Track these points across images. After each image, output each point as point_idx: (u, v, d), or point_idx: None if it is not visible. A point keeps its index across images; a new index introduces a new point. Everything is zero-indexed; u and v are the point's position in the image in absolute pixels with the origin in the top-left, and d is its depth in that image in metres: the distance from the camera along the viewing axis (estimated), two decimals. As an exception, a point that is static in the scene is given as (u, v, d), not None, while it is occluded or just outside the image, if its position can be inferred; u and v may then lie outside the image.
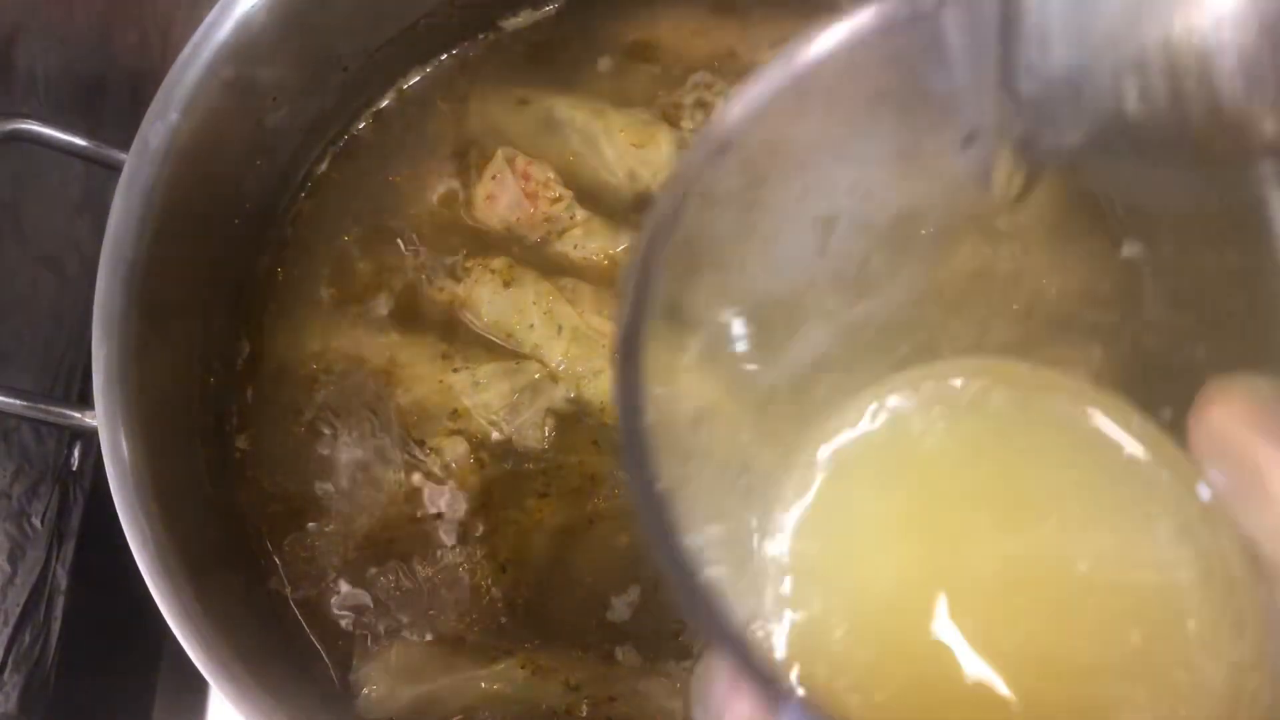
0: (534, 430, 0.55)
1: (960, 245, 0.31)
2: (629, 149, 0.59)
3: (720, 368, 0.26)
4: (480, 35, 0.64)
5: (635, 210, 0.59)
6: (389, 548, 0.53)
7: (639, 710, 0.50)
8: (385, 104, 0.63)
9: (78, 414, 0.49)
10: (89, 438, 0.57)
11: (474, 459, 0.54)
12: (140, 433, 0.48)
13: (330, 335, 0.57)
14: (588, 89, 0.62)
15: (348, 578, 0.53)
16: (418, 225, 0.59)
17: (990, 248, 0.32)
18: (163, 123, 0.51)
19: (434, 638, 0.52)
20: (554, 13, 0.64)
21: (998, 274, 0.30)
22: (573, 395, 0.55)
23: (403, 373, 0.56)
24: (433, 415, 0.55)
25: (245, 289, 0.58)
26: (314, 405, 0.56)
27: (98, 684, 0.59)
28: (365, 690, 0.51)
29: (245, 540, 0.54)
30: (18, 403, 0.50)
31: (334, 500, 0.54)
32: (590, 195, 0.59)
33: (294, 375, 0.57)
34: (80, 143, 0.52)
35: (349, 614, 0.53)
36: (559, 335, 0.55)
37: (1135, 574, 0.26)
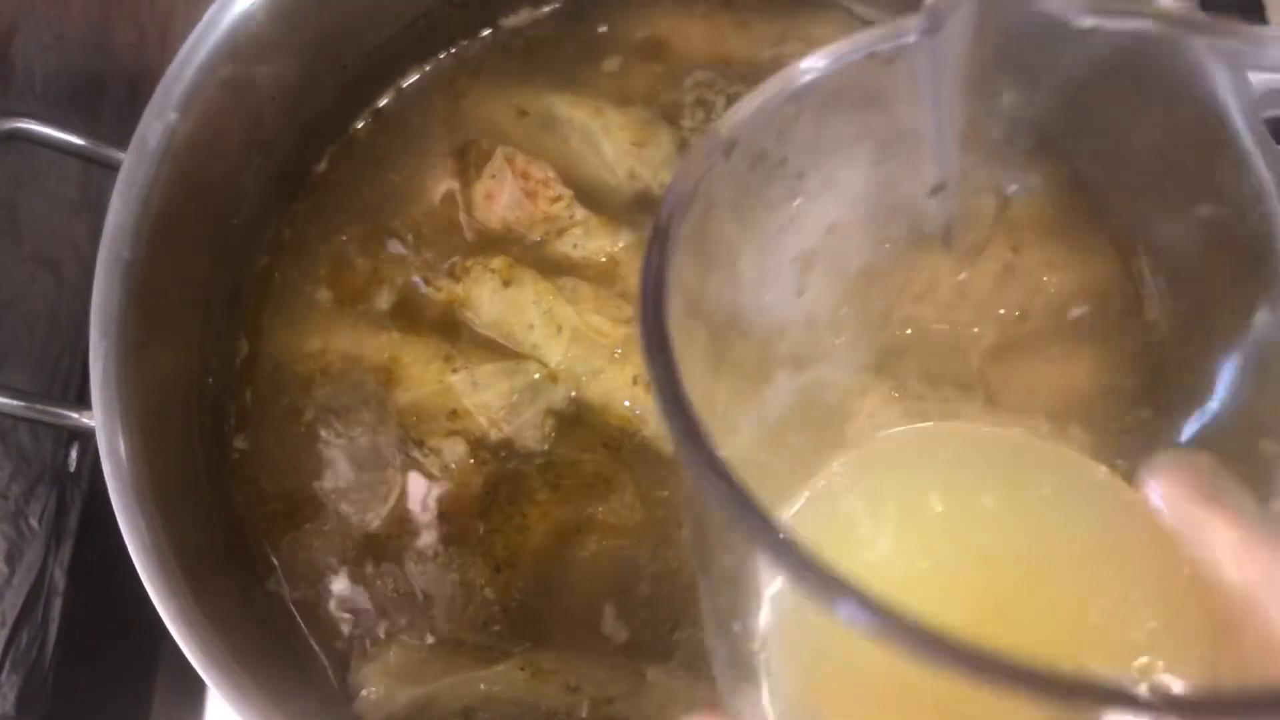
0: (534, 430, 0.55)
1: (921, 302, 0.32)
2: (629, 148, 0.59)
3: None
4: (480, 34, 0.64)
5: (635, 209, 0.59)
6: (388, 548, 0.53)
7: (638, 712, 0.49)
8: (384, 103, 0.63)
9: (75, 414, 0.49)
10: (86, 438, 0.57)
11: (473, 459, 0.54)
12: (138, 433, 0.47)
13: (329, 335, 0.57)
14: (587, 87, 0.61)
15: (346, 578, 0.53)
16: (416, 224, 0.59)
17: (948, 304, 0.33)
18: (161, 122, 0.50)
19: (433, 639, 0.52)
20: (553, 11, 0.64)
21: (954, 329, 0.31)
22: (573, 395, 0.55)
23: (402, 373, 0.56)
24: (432, 415, 0.55)
25: (243, 289, 0.58)
26: (313, 405, 0.56)
27: (95, 685, 0.59)
28: (364, 691, 0.51)
29: (243, 541, 0.54)
30: (15, 403, 0.50)
31: (332, 501, 0.54)
32: (590, 194, 0.59)
33: (292, 375, 0.57)
34: (78, 142, 0.52)
35: (347, 615, 0.53)
36: (558, 335, 0.55)
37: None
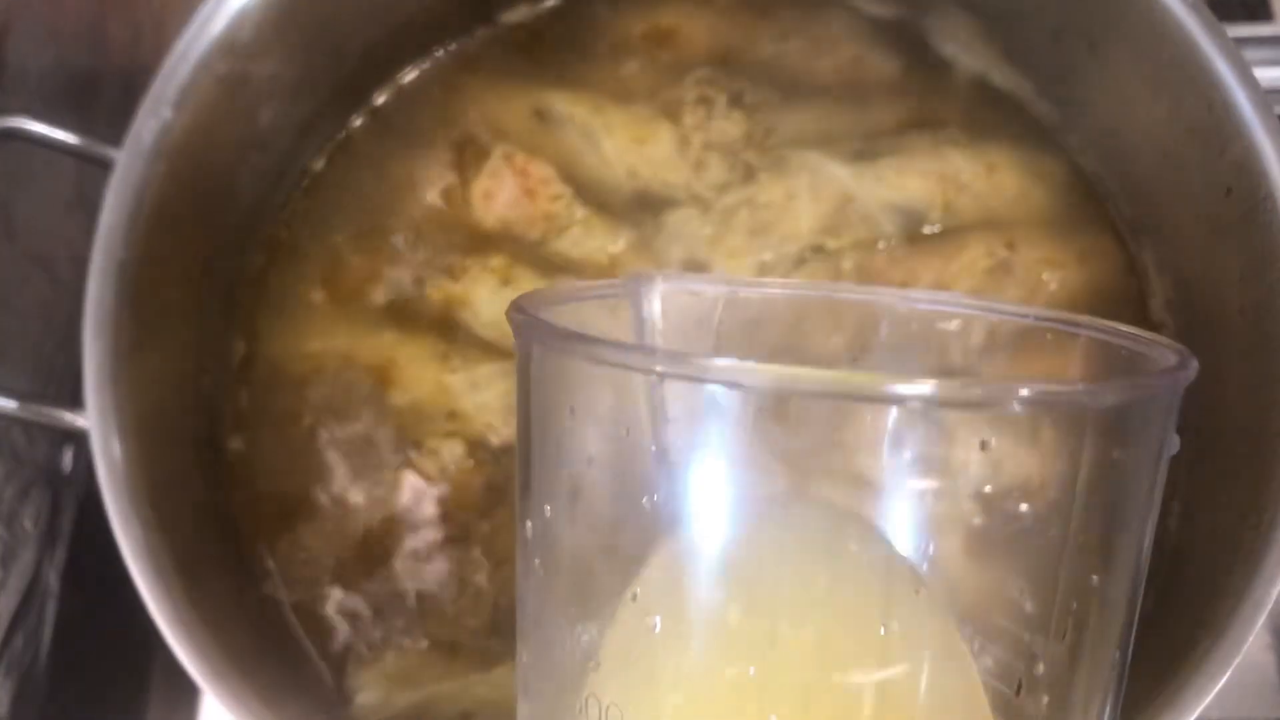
0: (532, 431, 0.54)
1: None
2: (629, 145, 0.59)
3: None
4: (478, 30, 0.63)
5: (636, 208, 0.59)
6: (385, 551, 0.53)
7: (638, 717, 0.49)
8: (382, 100, 0.62)
9: (69, 415, 0.49)
10: (80, 439, 0.57)
11: (472, 460, 0.54)
12: (132, 434, 0.47)
13: (325, 335, 0.57)
14: (587, 84, 0.61)
15: (343, 582, 0.53)
16: (414, 224, 0.59)
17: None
18: (155, 119, 0.50)
19: (430, 643, 0.51)
20: (553, 7, 0.64)
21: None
22: (572, 396, 0.55)
23: (399, 373, 0.55)
24: (430, 416, 0.55)
25: (239, 288, 0.58)
26: (309, 406, 0.55)
27: (90, 688, 0.59)
28: (360, 696, 0.51)
29: (239, 544, 0.54)
30: (8, 403, 0.49)
31: (329, 503, 0.54)
32: (590, 192, 0.59)
33: (289, 376, 0.56)
34: (72, 140, 0.52)
35: (344, 618, 0.52)
36: (557, 335, 0.55)
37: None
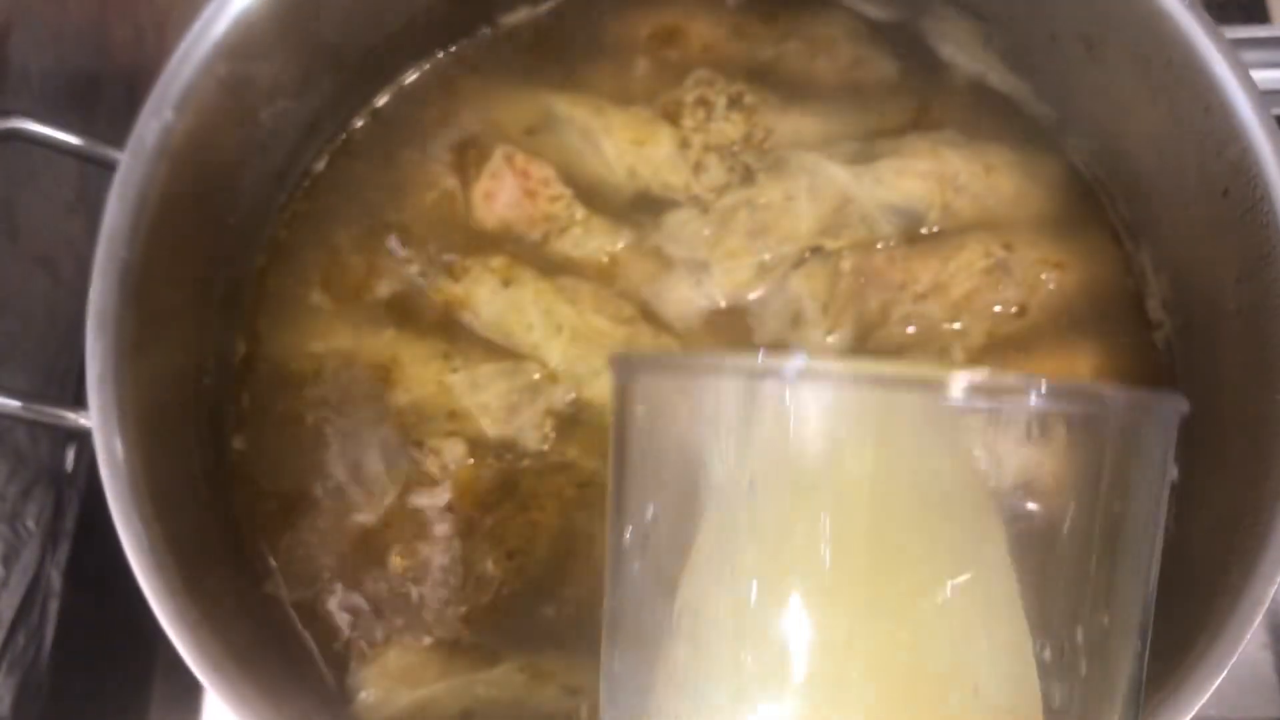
0: (533, 431, 0.54)
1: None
2: (629, 146, 0.59)
3: None
4: (478, 32, 0.63)
5: (636, 208, 0.59)
6: (386, 550, 0.53)
7: (638, 714, 0.49)
8: (383, 102, 0.62)
9: (72, 415, 0.49)
10: (83, 439, 0.57)
11: (472, 460, 0.54)
12: (134, 433, 0.47)
13: (327, 335, 0.57)
14: (587, 86, 0.61)
15: (344, 580, 0.53)
16: (415, 224, 0.59)
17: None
18: (158, 121, 0.50)
19: (431, 641, 0.52)
20: (552, 9, 0.64)
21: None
22: (572, 396, 0.55)
23: (400, 373, 0.55)
24: (431, 416, 0.55)
25: (241, 288, 0.58)
26: (310, 406, 0.56)
27: (92, 687, 0.59)
28: (362, 694, 0.51)
29: (241, 542, 0.54)
30: (12, 403, 0.49)
31: (330, 502, 0.54)
32: (590, 193, 0.59)
33: (290, 376, 0.56)
34: (74, 141, 0.52)
35: (346, 616, 0.52)
36: (558, 335, 0.55)
37: None
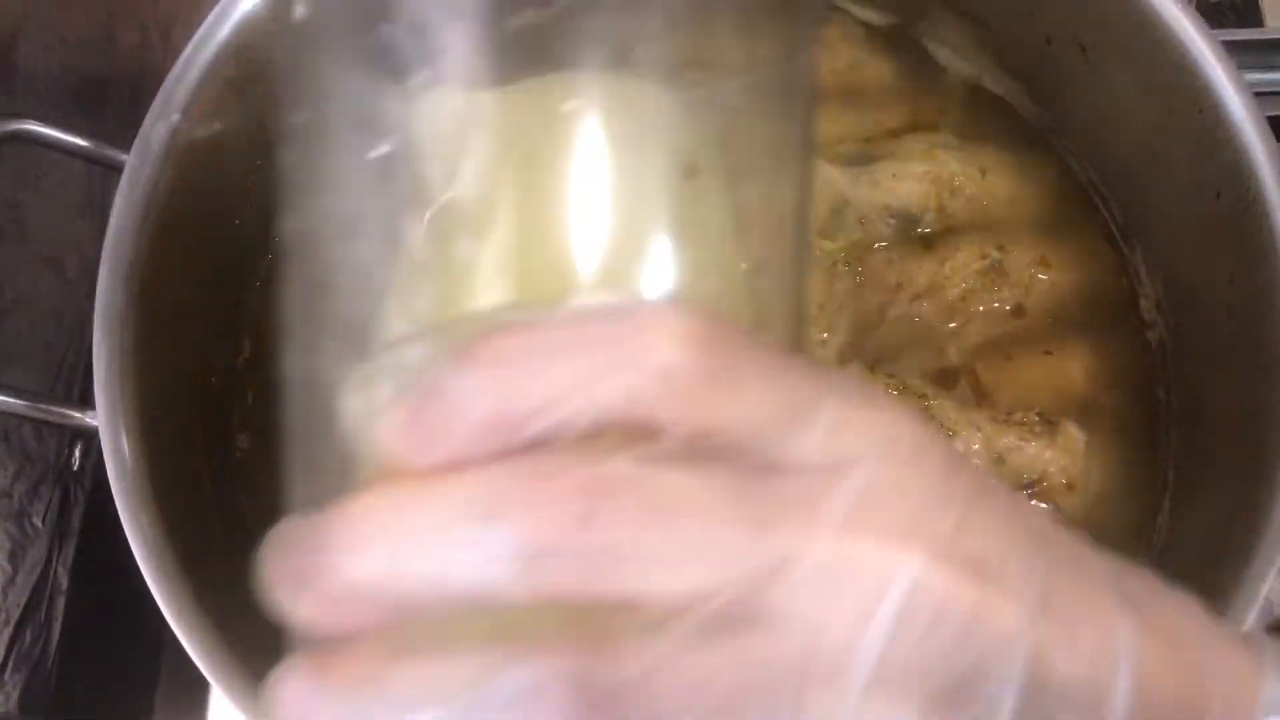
0: (535, 430, 0.55)
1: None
2: (630, 148, 0.59)
3: None
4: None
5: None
6: (390, 548, 0.53)
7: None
8: (386, 104, 0.63)
9: (79, 414, 0.49)
10: (90, 438, 0.57)
11: (475, 458, 0.54)
12: (141, 432, 0.47)
13: (331, 335, 0.57)
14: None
15: (349, 578, 0.53)
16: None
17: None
18: (164, 123, 0.50)
19: (435, 638, 0.52)
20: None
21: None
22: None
23: (404, 372, 0.56)
24: (434, 415, 0.55)
25: (246, 289, 0.58)
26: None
27: (98, 684, 0.59)
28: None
29: (247, 539, 0.54)
30: (19, 403, 0.50)
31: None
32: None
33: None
34: (81, 143, 0.52)
35: (350, 614, 0.53)
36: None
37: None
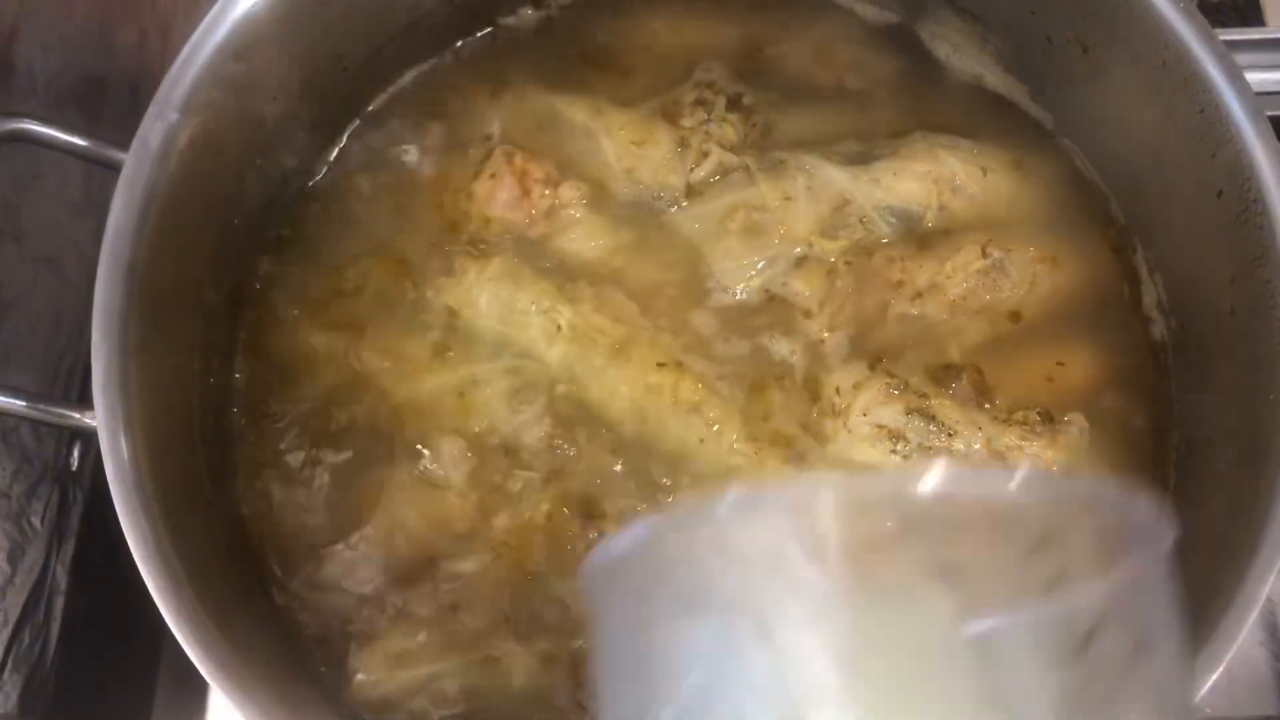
0: (532, 429, 0.55)
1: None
2: (629, 146, 0.59)
3: None
4: (479, 34, 0.64)
5: (635, 208, 0.59)
6: (386, 545, 0.53)
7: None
8: (384, 103, 0.63)
9: (77, 414, 0.49)
10: (89, 438, 0.57)
11: (471, 455, 0.54)
12: (139, 433, 0.47)
13: (328, 333, 0.57)
14: (587, 87, 0.62)
15: (345, 575, 0.53)
16: (416, 223, 0.59)
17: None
18: (162, 122, 0.50)
19: (431, 631, 0.52)
20: (553, 11, 0.64)
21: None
22: (572, 393, 0.55)
23: (401, 370, 0.56)
24: (431, 414, 0.55)
25: (245, 288, 0.58)
26: (313, 404, 0.56)
27: (97, 683, 0.59)
28: (360, 675, 0.51)
29: (244, 539, 0.54)
30: (17, 403, 0.50)
31: (332, 500, 0.54)
32: (590, 193, 0.59)
33: (293, 375, 0.57)
34: (80, 142, 0.52)
35: (346, 611, 0.53)
36: (558, 334, 0.55)
37: None
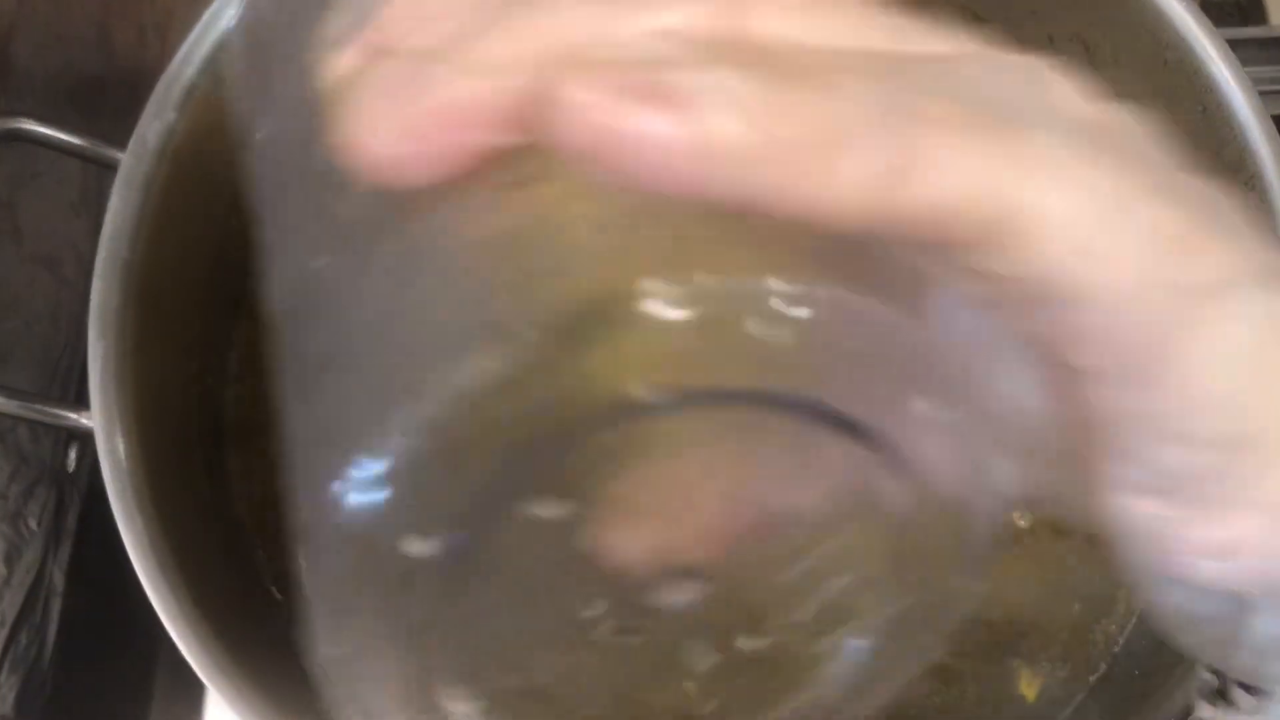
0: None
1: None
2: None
3: None
4: (480, 34, 0.64)
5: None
6: (387, 549, 0.53)
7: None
8: (384, 103, 0.62)
9: (74, 414, 0.49)
10: (85, 438, 0.57)
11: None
12: (137, 434, 0.47)
13: (328, 335, 0.57)
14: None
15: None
16: (417, 225, 0.59)
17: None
18: (160, 121, 0.50)
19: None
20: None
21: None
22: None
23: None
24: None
25: (244, 288, 0.58)
26: (312, 406, 0.56)
27: (94, 686, 0.59)
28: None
29: (243, 542, 0.54)
30: (13, 403, 0.49)
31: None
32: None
33: (292, 376, 0.57)
34: (77, 141, 0.52)
35: (347, 616, 0.53)
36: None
37: None
